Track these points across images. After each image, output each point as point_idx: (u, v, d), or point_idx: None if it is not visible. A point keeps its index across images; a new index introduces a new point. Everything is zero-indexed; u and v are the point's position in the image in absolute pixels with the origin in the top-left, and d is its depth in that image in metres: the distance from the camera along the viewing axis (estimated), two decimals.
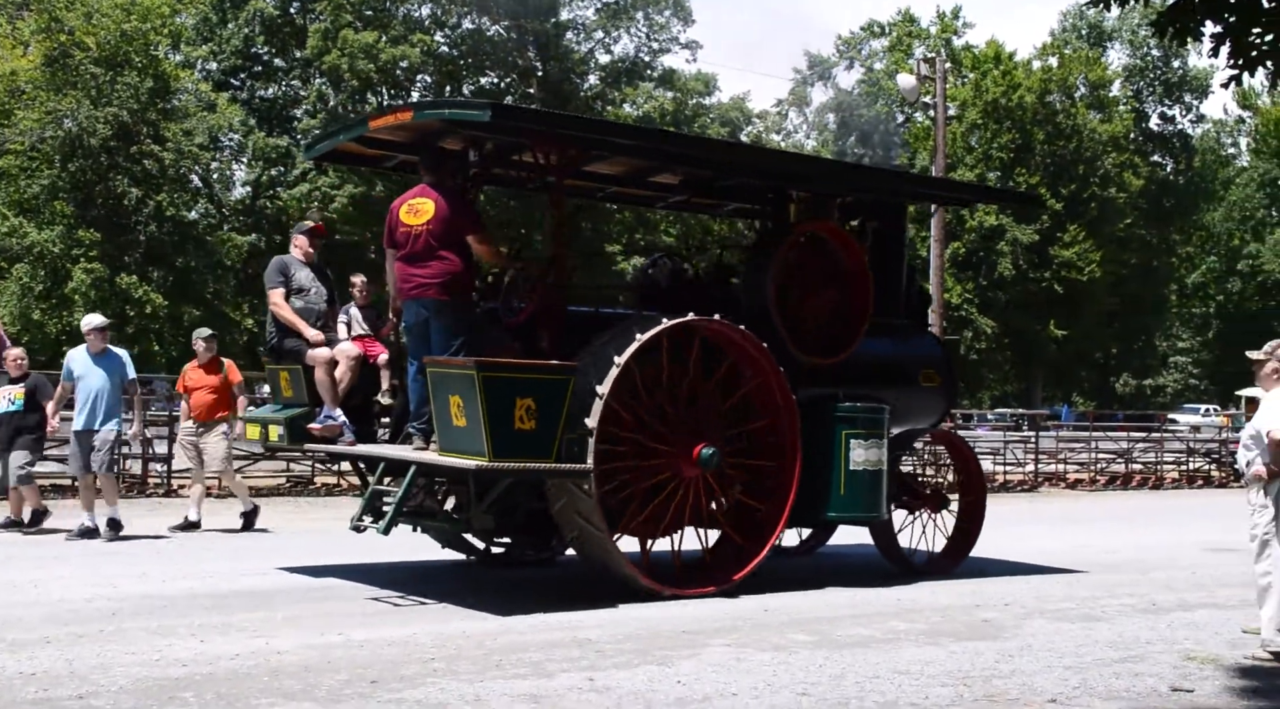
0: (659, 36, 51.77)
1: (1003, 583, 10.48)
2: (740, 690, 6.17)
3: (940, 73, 30.11)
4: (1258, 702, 6.32)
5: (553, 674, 6.41)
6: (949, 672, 6.76)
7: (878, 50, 63.41)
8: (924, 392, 11.39)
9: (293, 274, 10.10)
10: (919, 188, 13.43)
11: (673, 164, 10.59)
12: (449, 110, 9.82)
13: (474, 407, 8.11)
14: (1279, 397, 7.57)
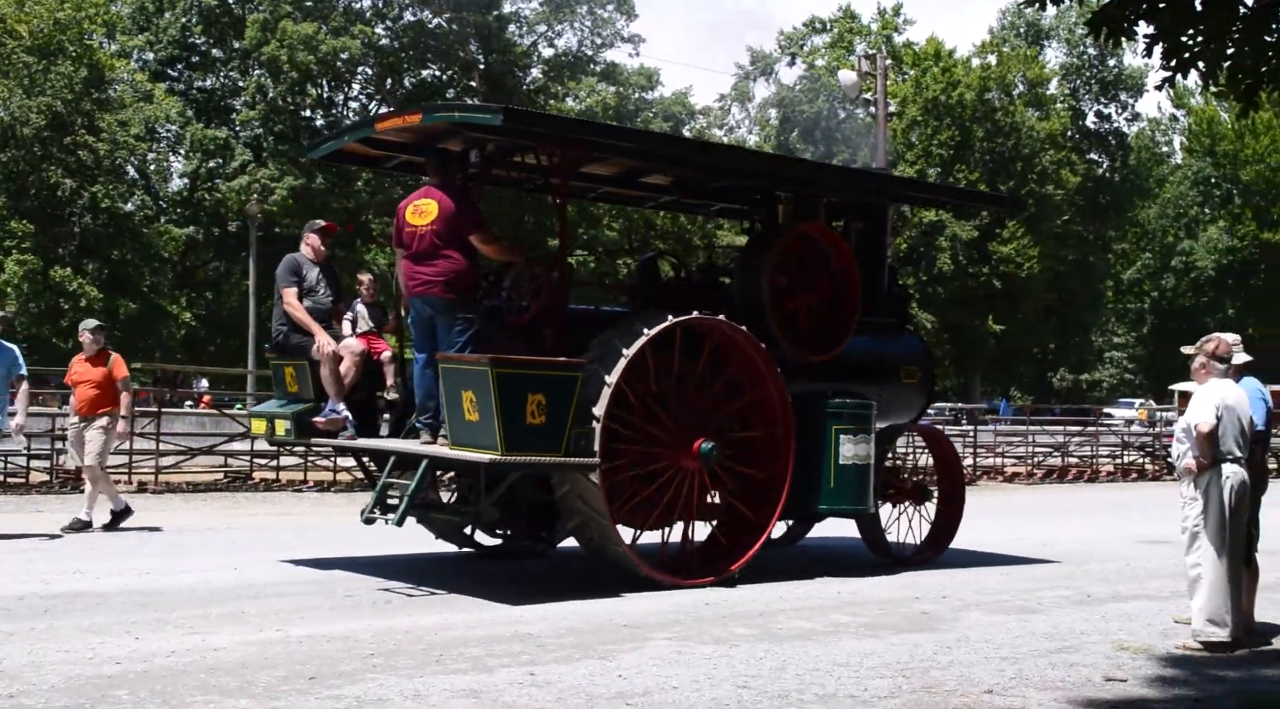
0: (602, 31, 51.73)
1: (941, 575, 10.59)
2: (681, 684, 6.18)
3: (881, 69, 30.30)
4: (1188, 690, 6.42)
5: (493, 669, 6.39)
6: (888, 664, 6.81)
7: (819, 46, 63.62)
8: (906, 388, 11.73)
9: (304, 273, 10.27)
10: (902, 190, 13.83)
11: (671, 166, 10.98)
12: (459, 113, 10.11)
13: (487, 402, 8.37)
14: (1209, 391, 7.70)
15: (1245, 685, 6.58)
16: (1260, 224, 62.08)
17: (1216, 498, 7.56)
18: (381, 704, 5.64)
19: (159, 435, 17.50)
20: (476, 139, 9.93)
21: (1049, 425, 31.14)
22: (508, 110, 9.26)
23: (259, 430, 11.00)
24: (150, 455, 17.30)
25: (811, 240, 10.81)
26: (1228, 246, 62.80)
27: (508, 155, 10.46)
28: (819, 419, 10.30)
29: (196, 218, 46.18)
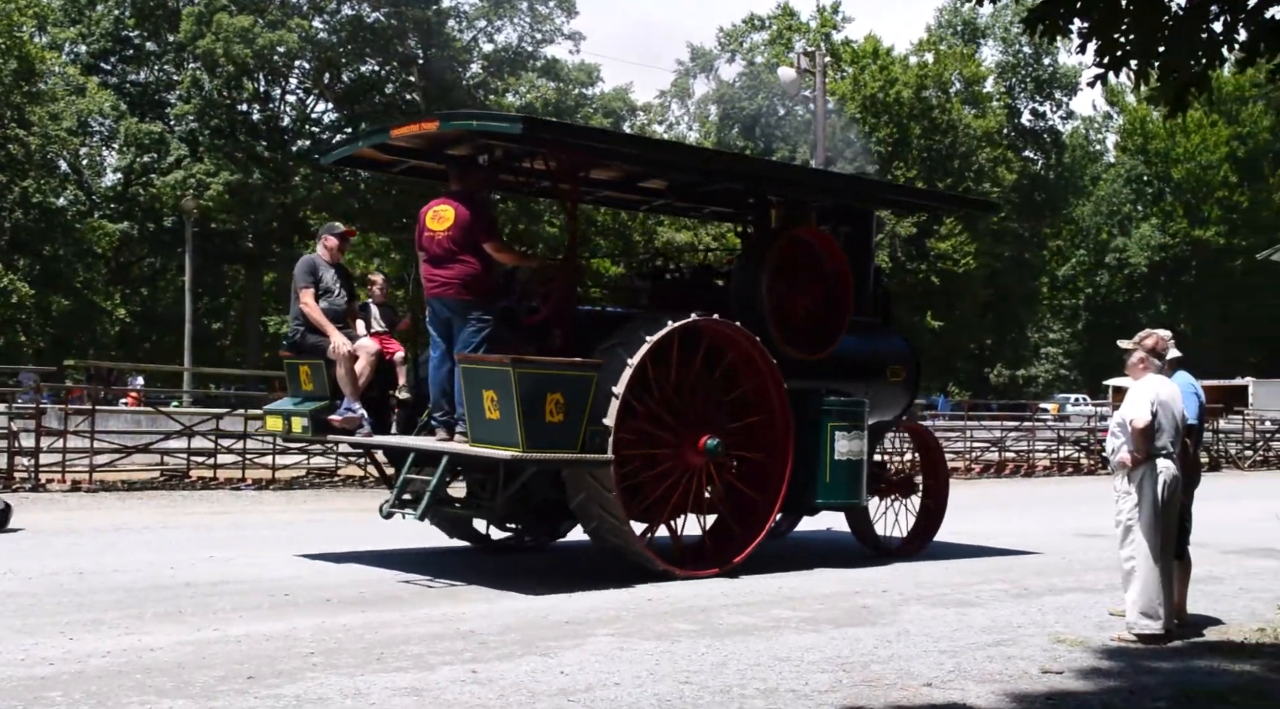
0: (542, 26, 51.57)
1: (881, 570, 10.67)
2: (623, 680, 6.18)
3: (820, 67, 30.46)
4: (1122, 682, 6.51)
5: (434, 667, 6.36)
6: (829, 658, 6.85)
7: (759, 43, 63.86)
8: (891, 386, 12.11)
9: (320, 275, 10.53)
10: (888, 195, 14.36)
11: (673, 172, 11.42)
12: (478, 122, 10.28)
13: (509, 401, 8.73)
14: (1143, 386, 7.81)
15: (1178, 676, 6.68)
16: (1191, 221, 63.16)
17: (1150, 492, 7.67)
18: (321, 703, 5.59)
19: (93, 433, 17.24)
20: (485, 145, 10.25)
21: (986, 421, 31.46)
22: (527, 119, 9.85)
23: (275, 428, 11.17)
24: (85, 454, 17.04)
25: (806, 243, 11.17)
26: (1160, 243, 63.83)
27: (514, 161, 10.83)
28: (814, 416, 10.66)
29: (131, 213, 45.57)
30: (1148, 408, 7.67)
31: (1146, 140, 65.84)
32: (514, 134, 9.64)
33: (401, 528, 13.20)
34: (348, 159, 11.47)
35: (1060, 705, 5.95)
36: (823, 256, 11.23)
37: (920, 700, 5.96)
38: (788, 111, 58.68)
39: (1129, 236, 65.99)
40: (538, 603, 8.49)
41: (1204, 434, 8.33)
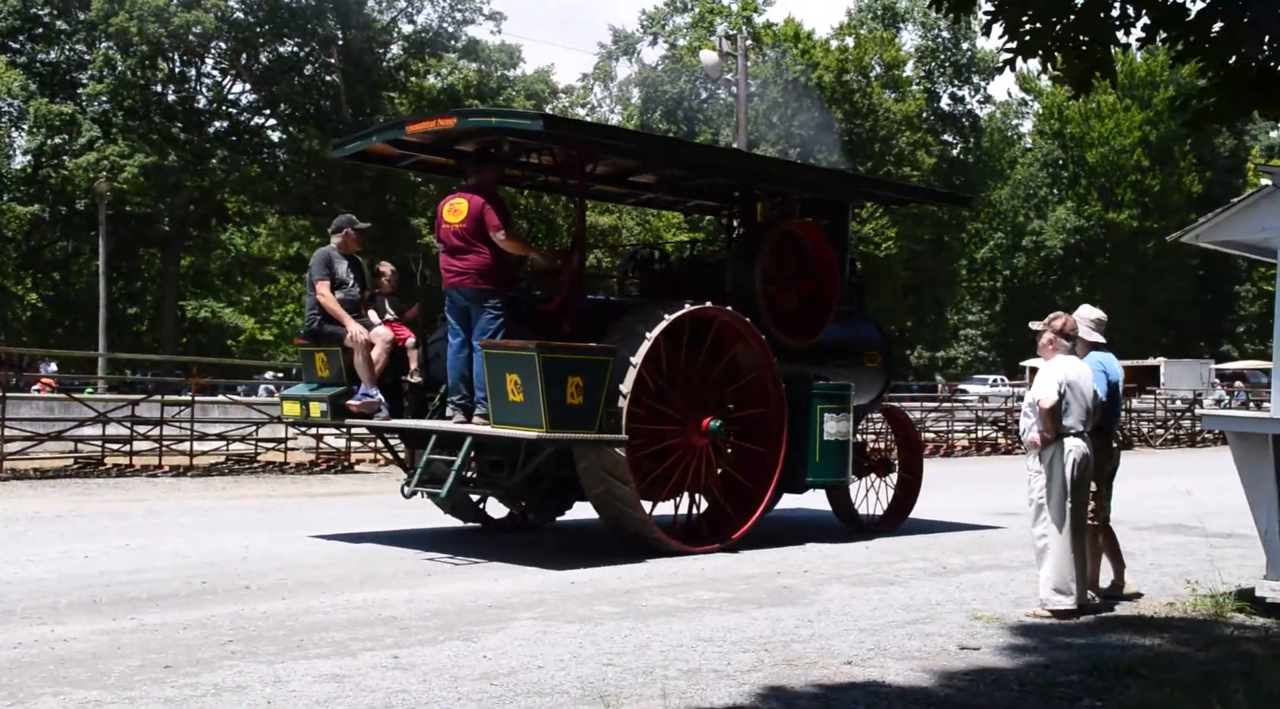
0: (462, 7, 51.11)
1: (803, 550, 10.77)
2: (546, 663, 6.18)
3: (741, 50, 30.53)
4: (1038, 657, 6.63)
5: (356, 653, 6.32)
6: (751, 638, 6.90)
7: (681, 26, 63.90)
8: (868, 371, 12.69)
9: (335, 267, 10.93)
10: (866, 189, 14.97)
11: (673, 167, 11.95)
12: (497, 118, 10.93)
13: (533, 384, 9.20)
14: (1053, 367, 7.95)
15: (1091, 650, 6.82)
16: (1105, 205, 64.30)
17: (1059, 471, 7.80)
18: (240, 691, 5.53)
19: (4, 421, 16.88)
20: (492, 141, 10.70)
21: (906, 402, 31.84)
22: (547, 117, 10.35)
23: (293, 413, 11.41)
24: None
25: (796, 236, 11.72)
26: (1075, 226, 64.92)
27: (521, 155, 11.29)
28: (804, 399, 11.18)
29: (42, 196, 44.49)
30: (1054, 388, 7.81)
31: (1062, 125, 66.85)
32: (534, 131, 10.09)
33: (322, 513, 13.12)
34: (357, 154, 11.66)
35: (978, 681, 6.04)
36: (811, 248, 11.80)
37: (841, 678, 6.02)
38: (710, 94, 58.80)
39: (1045, 220, 67.04)
40: (461, 588, 8.46)
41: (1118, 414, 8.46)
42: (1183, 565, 10.14)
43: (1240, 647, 6.95)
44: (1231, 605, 8.07)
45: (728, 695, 5.65)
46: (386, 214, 46.40)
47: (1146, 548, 11.14)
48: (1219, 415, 9.07)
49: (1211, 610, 8.02)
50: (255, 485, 16.64)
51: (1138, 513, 13.11)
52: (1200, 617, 7.93)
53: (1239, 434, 7.99)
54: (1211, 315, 74.48)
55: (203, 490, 15.80)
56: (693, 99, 60.14)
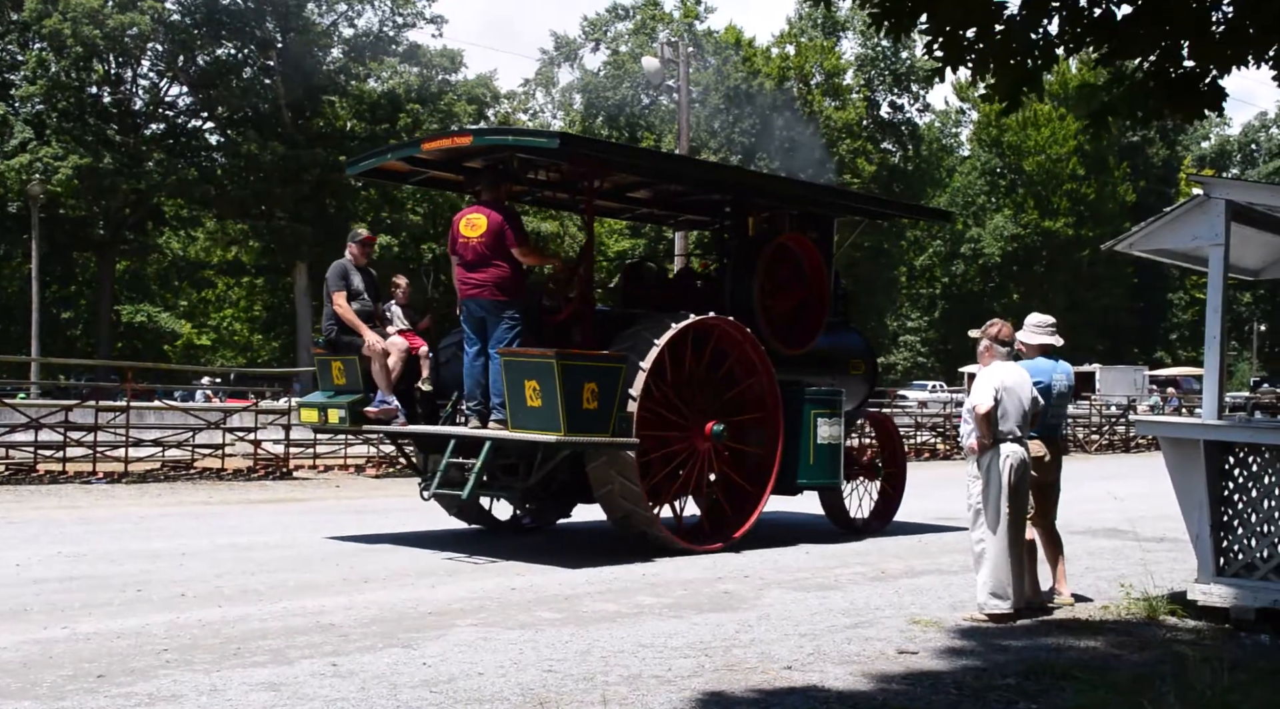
0: (404, 11, 50.82)
1: (744, 556, 10.79)
2: (487, 669, 6.16)
3: (683, 57, 30.63)
4: (975, 661, 6.70)
5: (294, 661, 6.26)
6: (691, 643, 6.92)
7: (623, 32, 63.94)
8: (854, 378, 13.26)
9: (351, 279, 11.41)
10: (852, 203, 15.75)
11: (678, 182, 12.40)
12: (514, 137, 11.44)
13: (551, 389, 9.65)
14: (989, 373, 8.04)
15: (1027, 653, 6.89)
16: (1042, 212, 65.10)
17: (996, 476, 7.89)
18: (176, 701, 5.46)
19: None
20: (500, 158, 11.12)
21: None
22: (564, 136, 10.87)
23: (310, 419, 11.83)
24: None
25: (790, 249, 12.30)
26: (1012, 234, 65.65)
27: (528, 171, 11.74)
28: (798, 405, 11.67)
29: None
30: (990, 394, 7.90)
31: (999, 134, 67.58)
32: (551, 149, 10.62)
33: (260, 520, 12.99)
34: (372, 171, 12.13)
35: (916, 685, 6.09)
36: (804, 261, 12.39)
37: (781, 683, 6.05)
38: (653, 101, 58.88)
39: (983, 227, 67.73)
40: (401, 595, 8.41)
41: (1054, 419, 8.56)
42: (1117, 569, 10.29)
43: (1172, 649, 7.06)
44: (1164, 608, 8.20)
45: (668, 701, 5.65)
46: (327, 218, 46.05)
47: (1081, 552, 11.27)
48: (1152, 421, 9.23)
49: (1145, 613, 8.14)
50: (192, 492, 16.44)
51: (1072, 518, 13.25)
52: (1134, 619, 8.05)
53: (1171, 440, 8.11)
54: (1146, 322, 75.65)
55: (138, 497, 15.58)
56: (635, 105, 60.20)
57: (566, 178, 11.83)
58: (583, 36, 64.66)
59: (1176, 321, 77.05)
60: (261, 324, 59.89)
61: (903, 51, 63.51)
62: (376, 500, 15.94)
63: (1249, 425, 8.68)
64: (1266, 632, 7.51)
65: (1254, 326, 79.73)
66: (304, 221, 45.29)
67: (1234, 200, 8.02)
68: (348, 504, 15.38)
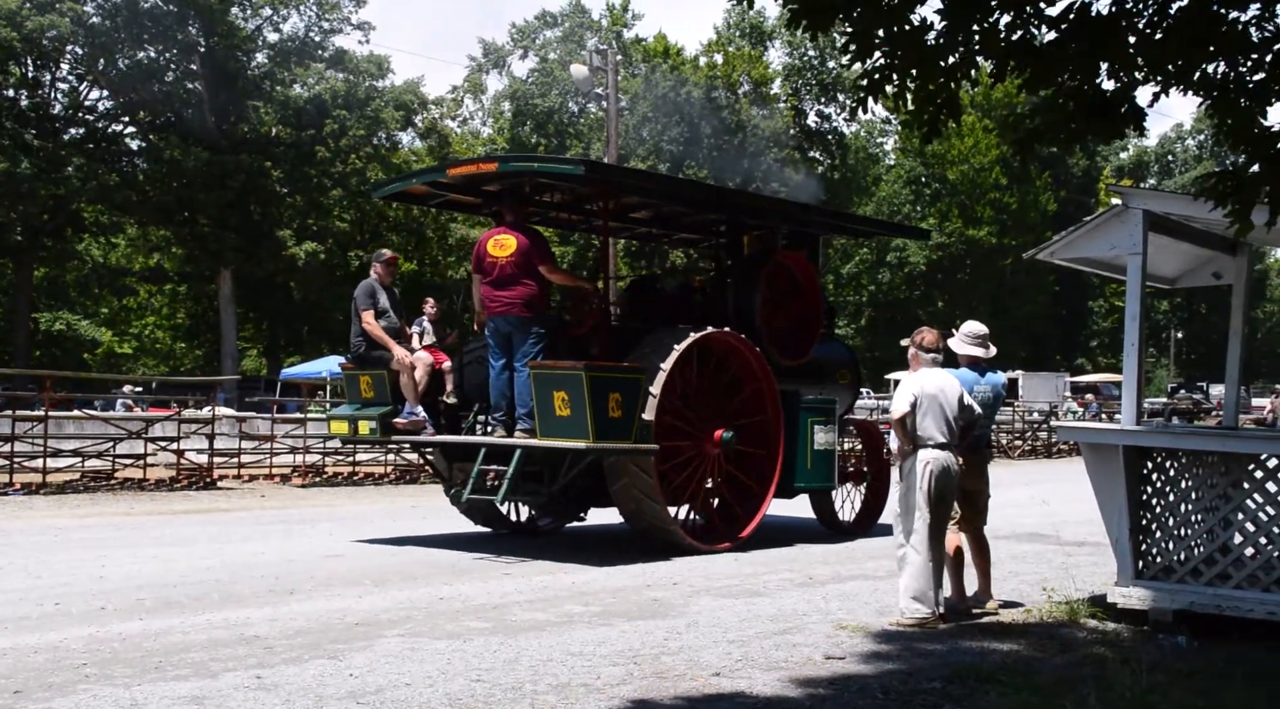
0: (330, 16, 50.43)
1: (673, 563, 10.81)
2: (414, 680, 6.12)
3: (611, 65, 30.68)
4: (900, 665, 6.76)
5: (217, 674, 6.17)
6: (620, 651, 6.92)
7: (551, 40, 63.92)
8: (841, 387, 13.94)
9: (378, 298, 11.96)
10: (838, 222, 16.80)
11: (690, 206, 13.13)
12: (538, 164, 12.28)
13: (580, 400, 10.29)
14: (909, 379, 8.14)
15: (951, 657, 6.97)
16: (965, 221, 65.94)
17: (915, 482, 7.98)
18: None
19: None
20: (515, 182, 11.78)
21: None
22: (589, 163, 11.82)
23: (339, 431, 12.46)
24: None
25: (787, 267, 13.02)
26: (937, 242, 66.39)
27: (541, 193, 12.36)
28: (795, 412, 12.34)
29: None
30: (905, 400, 8.00)
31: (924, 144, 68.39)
32: (576, 176, 11.36)
33: (183, 531, 12.80)
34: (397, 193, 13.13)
35: (843, 690, 6.14)
36: (799, 278, 13.12)
37: (709, 690, 6.07)
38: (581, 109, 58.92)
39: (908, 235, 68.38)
40: (326, 605, 8.32)
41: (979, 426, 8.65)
42: (1039, 573, 10.44)
43: (1093, 651, 7.18)
44: (1085, 611, 8.33)
45: None
46: (252, 225, 45.55)
47: (1005, 557, 11.41)
48: (1072, 427, 9.40)
49: (1066, 616, 8.27)
50: (112, 503, 16.16)
51: (996, 523, 13.32)
52: (1056, 622, 8.17)
53: (1091, 445, 8.25)
54: (1067, 329, 76.87)
55: (56, 508, 15.29)
56: (564, 113, 60.20)
57: (577, 200, 12.65)
58: (511, 43, 64.59)
59: (1097, 329, 78.38)
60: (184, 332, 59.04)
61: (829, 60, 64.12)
62: (303, 510, 15.77)
63: (1166, 431, 8.87)
64: (1184, 633, 7.66)
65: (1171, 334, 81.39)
66: (228, 228, 44.76)
67: (1151, 210, 8.18)
68: (273, 514, 15.20)
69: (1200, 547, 8.12)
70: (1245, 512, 7.99)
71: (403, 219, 52.87)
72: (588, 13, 63.94)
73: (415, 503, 17.07)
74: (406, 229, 53.26)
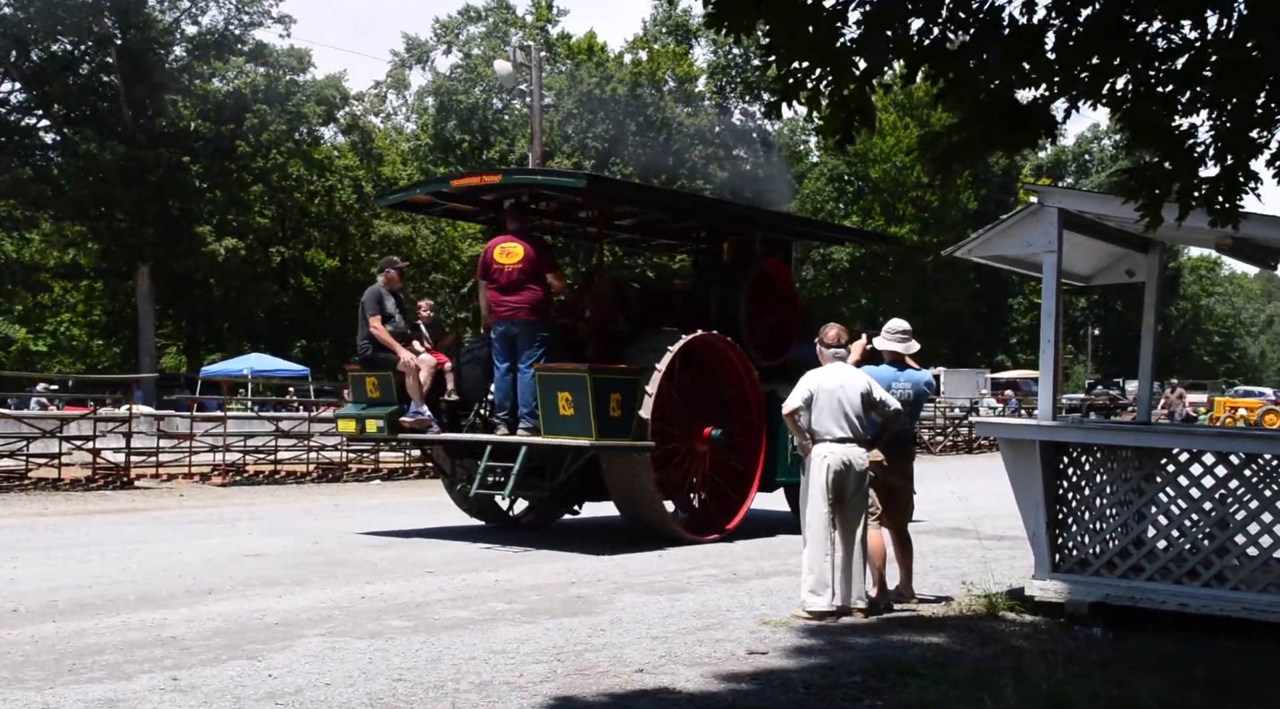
0: (250, 9, 49.68)
1: (598, 560, 10.81)
2: (334, 680, 6.06)
3: (535, 61, 30.57)
4: (821, 659, 6.82)
5: (132, 676, 6.07)
6: (543, 649, 6.90)
7: (475, 35, 63.52)
8: None
9: (384, 303, 12.56)
10: (811, 230, 18.64)
11: (685, 218, 14.04)
12: (542, 177, 13.25)
13: (583, 400, 10.91)
14: (808, 375, 8.26)
15: (872, 651, 7.04)
16: (888, 219, 66.52)
17: (811, 476, 8.07)
18: None
19: None
20: (514, 192, 12.36)
21: None
22: (591, 177, 12.86)
23: (347, 429, 13.00)
24: None
25: (768, 272, 13.75)
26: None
27: (535, 202, 12.84)
28: (776, 410, 12.06)
29: None
30: (800, 396, 8.11)
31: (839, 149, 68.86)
32: (578, 189, 12.14)
33: (97, 532, 12.57)
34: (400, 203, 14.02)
35: (765, 685, 6.17)
36: (779, 283, 13.84)
37: (632, 686, 6.08)
38: (505, 105, 58.67)
39: None
40: (246, 605, 8.22)
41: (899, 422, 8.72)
42: (959, 567, 10.57)
43: (1011, 644, 7.28)
44: (1004, 604, 8.45)
45: (519, 707, 5.63)
46: (170, 221, 44.82)
47: (926, 551, 11.54)
48: (990, 423, 9.55)
49: (985, 610, 8.38)
50: (26, 503, 15.84)
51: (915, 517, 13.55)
52: (975, 616, 8.28)
53: (1009, 440, 8.36)
54: (987, 326, 77.86)
55: None
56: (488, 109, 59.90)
57: (568, 208, 13.22)
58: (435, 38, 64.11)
59: (1016, 326, 79.44)
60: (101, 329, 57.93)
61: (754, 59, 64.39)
62: (223, 509, 15.56)
63: (1081, 426, 9.01)
64: (1099, 625, 7.79)
65: (1089, 331, 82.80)
66: (146, 223, 43.98)
67: (1066, 208, 8.31)
68: (192, 514, 14.98)
69: (1115, 540, 8.28)
70: (1158, 505, 8.16)
71: (325, 215, 52.32)
72: (512, 9, 63.61)
73: (337, 502, 16.92)
74: (329, 225, 52.70)
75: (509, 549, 11.44)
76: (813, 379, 8.21)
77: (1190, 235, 9.27)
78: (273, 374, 40.13)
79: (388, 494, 18.61)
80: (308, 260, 52.76)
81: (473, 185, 12.58)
